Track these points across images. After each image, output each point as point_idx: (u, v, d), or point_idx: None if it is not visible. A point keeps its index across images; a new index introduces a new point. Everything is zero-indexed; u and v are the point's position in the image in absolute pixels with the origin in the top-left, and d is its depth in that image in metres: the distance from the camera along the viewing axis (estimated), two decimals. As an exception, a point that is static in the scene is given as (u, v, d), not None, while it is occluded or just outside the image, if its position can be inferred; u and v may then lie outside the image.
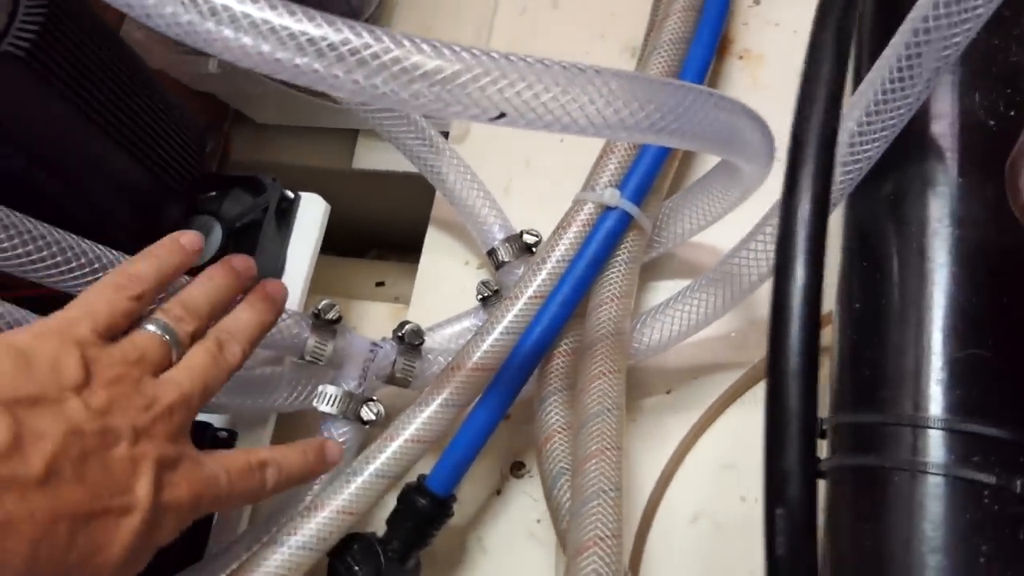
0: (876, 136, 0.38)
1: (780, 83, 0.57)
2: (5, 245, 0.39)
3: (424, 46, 0.30)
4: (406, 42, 0.29)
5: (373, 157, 0.71)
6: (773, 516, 0.23)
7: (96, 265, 0.41)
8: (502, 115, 0.30)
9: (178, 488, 0.35)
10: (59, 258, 0.40)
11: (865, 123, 0.37)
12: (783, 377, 0.23)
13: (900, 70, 0.35)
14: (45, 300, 0.42)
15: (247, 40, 0.29)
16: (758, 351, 0.51)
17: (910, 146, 0.39)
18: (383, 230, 0.80)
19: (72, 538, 0.30)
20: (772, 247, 0.44)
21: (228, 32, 0.29)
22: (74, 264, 0.41)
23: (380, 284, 0.75)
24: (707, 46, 0.52)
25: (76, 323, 0.34)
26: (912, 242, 0.38)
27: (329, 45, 0.29)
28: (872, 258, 0.39)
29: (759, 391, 0.51)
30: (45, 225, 0.40)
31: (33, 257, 0.39)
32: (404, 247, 0.82)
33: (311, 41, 0.29)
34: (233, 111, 0.72)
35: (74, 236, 0.41)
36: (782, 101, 0.41)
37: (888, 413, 0.36)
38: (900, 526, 0.34)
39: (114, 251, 0.42)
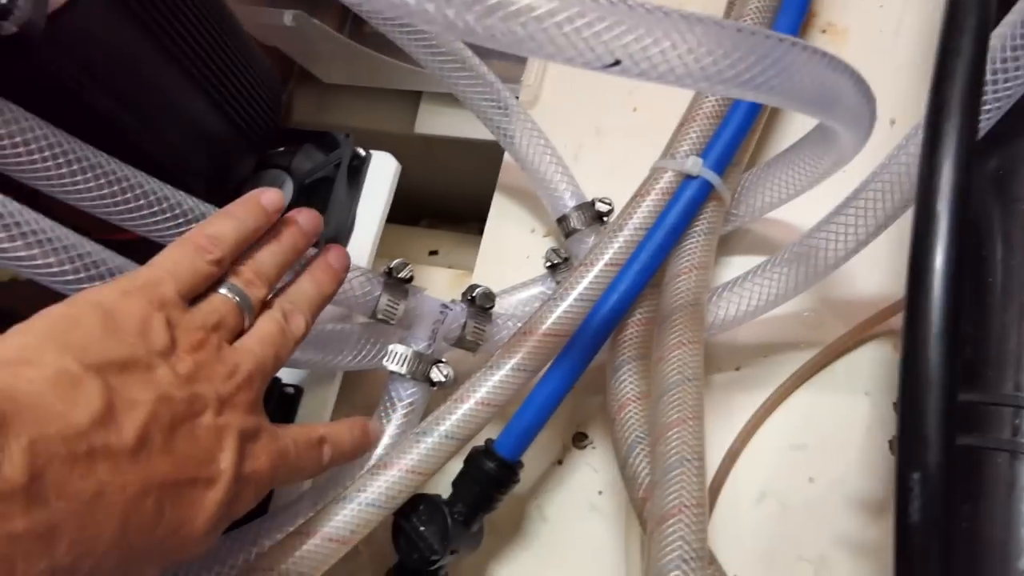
0: (988, 108, 0.36)
1: (865, 58, 0.55)
2: (91, 185, 0.39)
3: (540, -13, 0.29)
4: (521, -19, 0.28)
5: (436, 122, 0.70)
6: (908, 481, 0.22)
7: (177, 211, 0.41)
8: (617, 63, 0.29)
9: (258, 460, 0.34)
10: (142, 201, 0.40)
11: (977, 93, 0.36)
12: (924, 340, 0.22)
13: (1022, 36, 0.34)
14: (120, 245, 0.42)
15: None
16: (832, 331, 0.50)
17: (1021, 121, 0.38)
18: (440, 198, 0.79)
19: (160, 509, 0.30)
20: (859, 225, 0.43)
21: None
22: (156, 209, 0.40)
23: (433, 253, 0.74)
24: (795, 14, 0.50)
25: (160, 283, 0.33)
26: (1019, 220, 0.37)
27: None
28: (975, 235, 0.38)
29: (832, 372, 0.50)
30: (128, 167, 0.40)
31: (118, 199, 0.39)
32: (459, 216, 0.81)
33: (423, -21, 0.28)
34: (297, 70, 0.71)
35: (155, 180, 0.41)
36: (868, 76, 0.40)
37: (989, 393, 0.35)
38: (999, 508, 0.33)
39: (194, 198, 0.42)
